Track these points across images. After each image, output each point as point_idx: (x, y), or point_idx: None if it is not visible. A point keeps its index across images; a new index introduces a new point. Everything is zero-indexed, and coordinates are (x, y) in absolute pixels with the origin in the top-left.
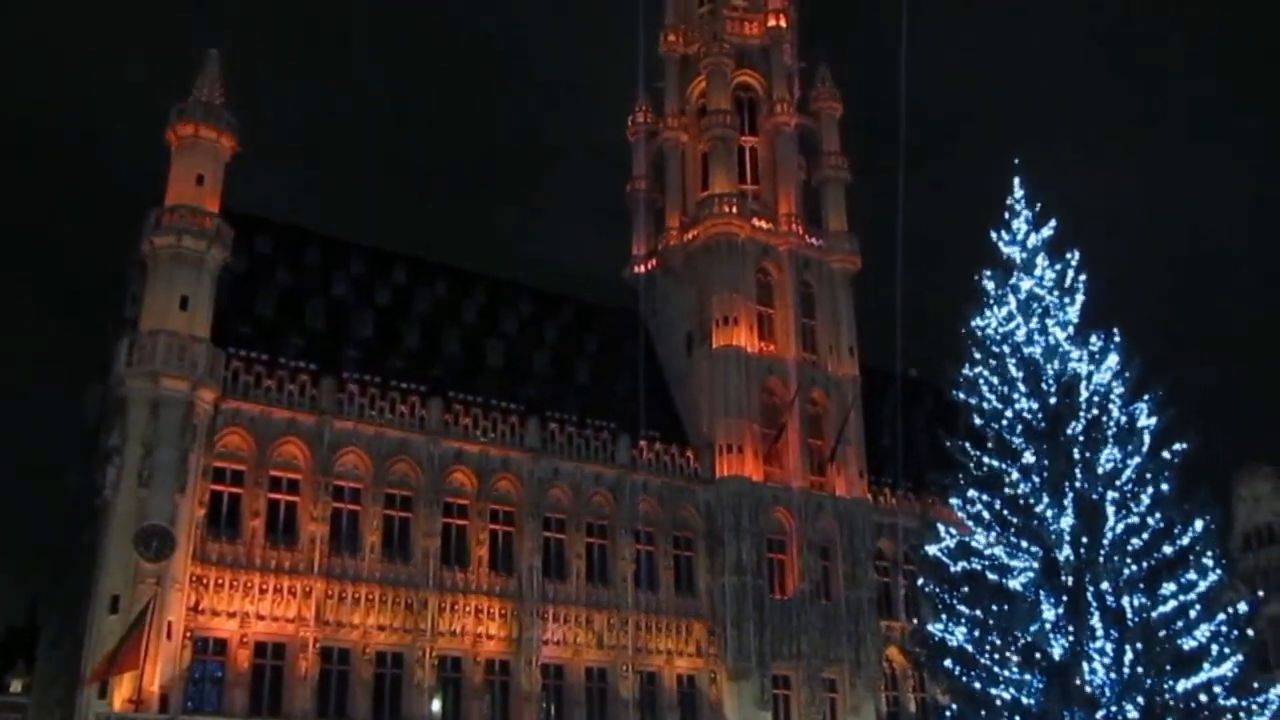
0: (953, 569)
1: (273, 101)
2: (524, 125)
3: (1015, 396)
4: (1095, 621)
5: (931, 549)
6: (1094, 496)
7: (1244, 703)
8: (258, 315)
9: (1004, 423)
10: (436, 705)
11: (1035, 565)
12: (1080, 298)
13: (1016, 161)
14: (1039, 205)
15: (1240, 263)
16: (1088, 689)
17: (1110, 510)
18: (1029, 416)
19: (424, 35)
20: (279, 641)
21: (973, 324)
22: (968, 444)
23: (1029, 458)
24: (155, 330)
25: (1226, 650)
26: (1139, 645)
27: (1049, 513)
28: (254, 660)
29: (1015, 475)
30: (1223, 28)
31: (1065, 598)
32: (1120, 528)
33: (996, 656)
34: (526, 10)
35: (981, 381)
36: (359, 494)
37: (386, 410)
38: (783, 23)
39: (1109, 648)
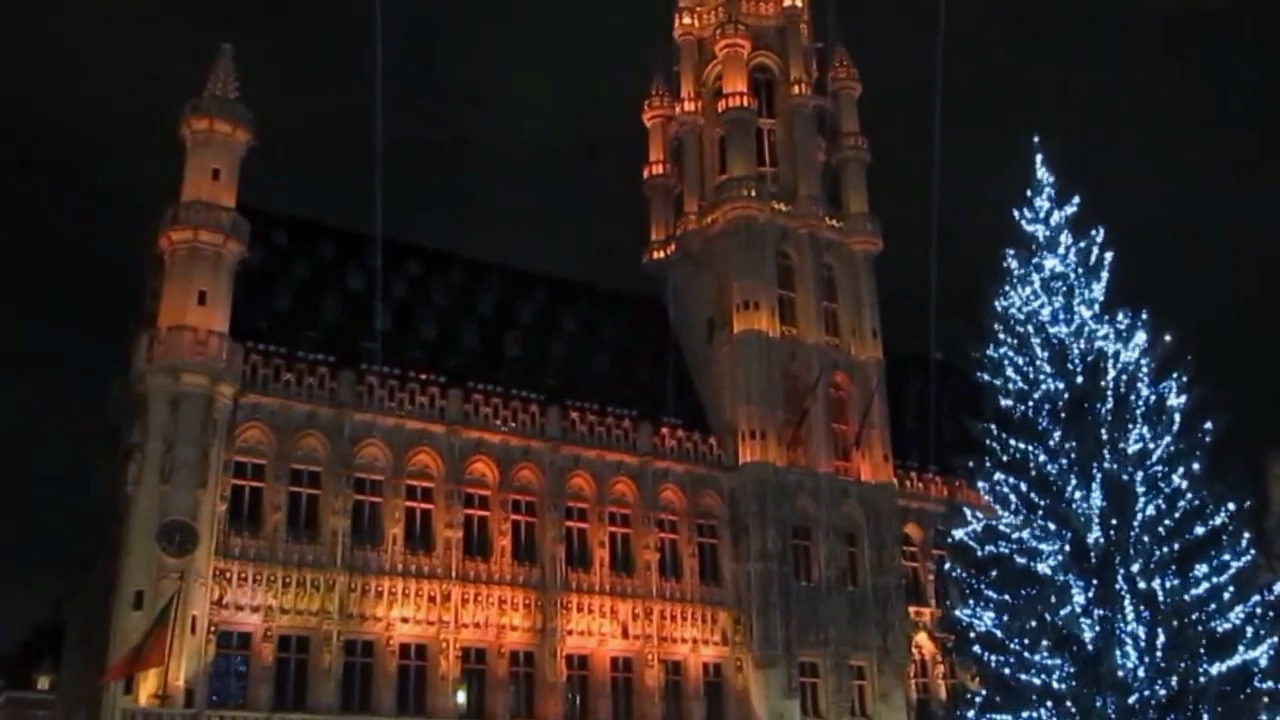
0: (980, 553)
1: (276, 100)
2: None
3: (1041, 377)
4: (1126, 605)
5: (958, 533)
6: (1123, 477)
7: None
8: (275, 309)
9: (1030, 404)
10: (461, 697)
11: (1064, 548)
12: (1105, 275)
13: (1036, 140)
14: (1061, 182)
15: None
16: (1119, 673)
17: (1140, 491)
18: (1055, 397)
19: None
20: (302, 635)
21: (997, 304)
22: (994, 426)
23: (1056, 439)
24: (174, 326)
25: (1261, 632)
26: (1171, 628)
27: (1077, 494)
28: (277, 654)
29: (1042, 457)
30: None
31: (1095, 581)
32: (1150, 509)
33: (1026, 641)
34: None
35: (1006, 363)
36: (380, 486)
37: (406, 401)
38: (799, 2)
39: (1140, 631)
